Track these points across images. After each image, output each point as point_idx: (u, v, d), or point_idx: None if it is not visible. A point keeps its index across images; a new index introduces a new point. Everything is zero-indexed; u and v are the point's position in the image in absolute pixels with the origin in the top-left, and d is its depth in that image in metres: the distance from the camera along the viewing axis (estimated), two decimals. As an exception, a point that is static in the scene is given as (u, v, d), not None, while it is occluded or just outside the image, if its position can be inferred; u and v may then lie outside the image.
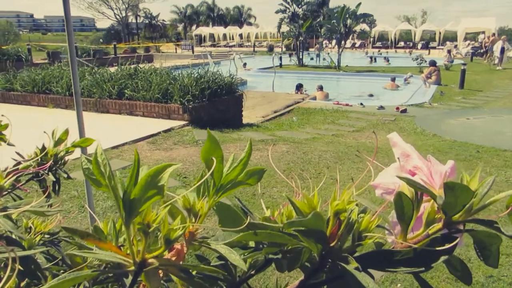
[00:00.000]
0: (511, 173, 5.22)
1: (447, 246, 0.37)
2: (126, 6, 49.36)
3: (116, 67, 9.16)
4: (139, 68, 8.93)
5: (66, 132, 1.09)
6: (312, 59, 24.16)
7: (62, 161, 1.08)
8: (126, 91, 7.79)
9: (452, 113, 9.56)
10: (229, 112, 7.81)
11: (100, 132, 6.53)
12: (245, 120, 8.19)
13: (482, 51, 26.08)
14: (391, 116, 8.92)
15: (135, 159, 0.38)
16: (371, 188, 0.53)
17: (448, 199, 0.37)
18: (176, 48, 36.62)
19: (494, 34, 25.52)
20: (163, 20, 54.77)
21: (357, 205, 0.42)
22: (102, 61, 14.49)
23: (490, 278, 2.93)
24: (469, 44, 31.51)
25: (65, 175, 1.02)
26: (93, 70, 9.08)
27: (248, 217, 0.41)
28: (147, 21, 52.26)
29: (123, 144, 5.77)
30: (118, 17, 50.32)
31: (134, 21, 53.37)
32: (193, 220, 0.45)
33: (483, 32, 29.89)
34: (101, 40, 44.95)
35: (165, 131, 6.49)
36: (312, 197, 0.43)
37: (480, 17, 33.99)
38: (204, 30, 50.76)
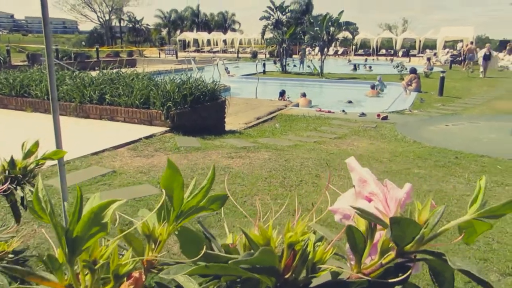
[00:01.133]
0: (488, 178, 5.33)
1: (400, 276, 0.37)
2: (110, 9, 48.94)
3: (98, 71, 9.05)
4: (121, 72, 8.84)
5: (36, 144, 1.07)
6: (295, 66, 24.33)
7: (32, 173, 1.06)
8: (107, 96, 7.70)
9: (432, 119, 9.73)
10: (211, 119, 7.79)
11: (79, 138, 6.44)
12: (228, 127, 8.17)
13: (460, 59, 26.65)
14: (372, 123, 9.03)
15: (77, 196, 0.37)
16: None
17: (396, 232, 0.38)
18: (159, 53, 36.42)
19: (472, 43, 26.13)
20: (147, 24, 54.36)
21: (314, 232, 0.42)
22: (84, 65, 14.30)
23: (469, 283, 2.98)
24: (448, 52, 32.17)
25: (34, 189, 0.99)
26: (74, 74, 8.95)
27: (204, 247, 0.40)
28: (130, 25, 51.81)
29: (103, 151, 5.69)
30: (101, 20, 49.85)
31: (117, 24, 52.95)
32: (153, 246, 0.45)
33: (462, 41, 30.58)
34: (83, 43, 44.37)
35: (147, 138, 6.42)
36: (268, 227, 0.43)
37: (459, 26, 34.75)
38: (188, 35, 50.61)
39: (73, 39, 49.72)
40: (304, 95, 12.75)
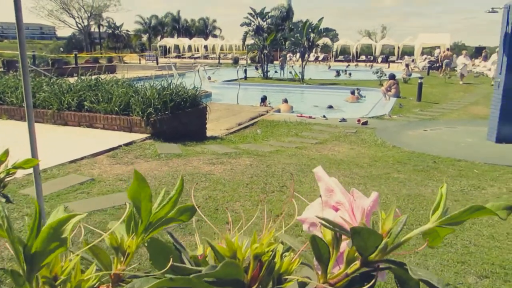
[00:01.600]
0: (465, 182, 5.45)
1: (365, 285, 0.38)
2: (89, 15, 48.36)
3: (77, 78, 8.91)
4: (100, 79, 8.73)
5: (6, 153, 1.04)
6: (276, 72, 24.48)
7: (2, 184, 1.03)
8: (86, 102, 7.59)
9: (411, 124, 9.90)
10: (192, 125, 7.76)
11: (57, 146, 6.33)
12: (209, 133, 8.15)
13: (437, 65, 27.25)
14: (352, 128, 9.13)
15: (36, 211, 0.36)
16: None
17: (357, 243, 0.38)
18: (140, 59, 36.13)
19: (448, 49, 26.77)
20: (127, 30, 53.83)
21: (282, 243, 0.42)
22: (62, 71, 14.08)
23: (448, 286, 3.02)
24: (425, 58, 32.84)
25: (4, 200, 0.97)
26: (52, 81, 8.80)
27: (171, 259, 0.40)
28: (110, 31, 51.26)
29: (82, 158, 5.60)
30: (80, 26, 49.17)
31: (96, 30, 52.31)
32: (122, 259, 0.44)
33: (439, 47, 31.29)
34: (61, 49, 43.67)
35: (126, 145, 6.35)
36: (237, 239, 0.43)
37: (436, 33, 35.58)
38: (169, 41, 50.38)
39: (51, 45, 48.93)
40: (285, 101, 12.83)
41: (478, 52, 34.43)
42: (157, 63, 30.55)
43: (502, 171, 6.01)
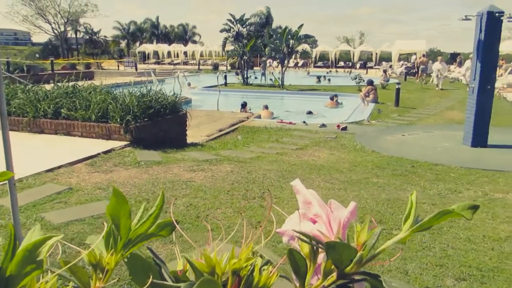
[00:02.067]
0: (442, 186, 5.56)
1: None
2: (65, 20, 47.57)
3: (53, 85, 8.75)
4: (78, 85, 8.59)
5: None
6: (256, 77, 24.57)
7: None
8: (63, 110, 7.45)
9: (389, 129, 10.06)
10: (173, 132, 7.70)
11: (33, 154, 6.19)
12: (189, 140, 8.10)
13: (414, 71, 27.84)
14: (332, 134, 9.23)
15: (11, 234, 0.36)
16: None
17: (332, 256, 0.39)
18: (118, 65, 35.72)
19: (424, 55, 27.39)
20: (104, 36, 53.19)
21: (261, 256, 0.43)
22: (38, 78, 13.77)
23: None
24: (402, 64, 33.50)
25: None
26: (27, 88, 8.61)
27: (151, 276, 0.40)
28: (87, 37, 50.56)
29: (59, 167, 5.48)
30: (56, 31, 48.33)
31: (73, 36, 51.47)
32: (101, 275, 0.44)
33: (415, 54, 31.99)
34: (37, 55, 42.85)
35: (105, 152, 6.26)
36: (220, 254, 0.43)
37: (412, 40, 36.38)
38: (148, 47, 49.99)
39: (26, 51, 47.97)
40: (266, 107, 12.89)
41: (453, 58, 35.35)
42: (136, 69, 30.26)
43: (478, 175, 6.16)
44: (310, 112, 13.65)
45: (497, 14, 7.52)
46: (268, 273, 0.42)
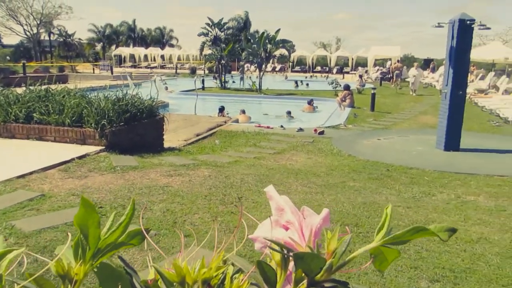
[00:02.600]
0: (417, 189, 5.68)
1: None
2: (38, 22, 46.42)
3: (25, 88, 8.51)
4: (51, 89, 8.38)
5: None
6: (234, 82, 24.57)
7: None
8: (35, 114, 7.25)
9: (365, 134, 10.22)
10: (149, 136, 7.61)
11: (3, 160, 6.01)
12: (166, 144, 8.02)
13: (389, 76, 28.40)
14: (309, 138, 9.30)
15: None
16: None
17: (300, 266, 0.39)
18: (93, 68, 35.12)
19: (398, 61, 27.99)
20: (79, 38, 52.17)
21: (233, 264, 0.42)
22: (8, 81, 13.36)
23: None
24: (378, 69, 34.13)
25: None
26: (-3, 91, 8.35)
27: (120, 286, 0.39)
28: (61, 39, 49.47)
29: (31, 173, 5.33)
30: (28, 33, 47.10)
31: (47, 38, 50.28)
32: (69, 286, 0.42)
33: (390, 59, 32.62)
34: (8, 57, 41.63)
35: (80, 158, 6.12)
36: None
37: (387, 46, 37.05)
38: (124, 51, 49.31)
39: (-4, 53, 46.53)
40: (243, 111, 12.90)
41: (426, 64, 36.23)
42: (112, 73, 29.79)
43: (450, 178, 6.32)
44: (289, 112, 13.77)
45: (468, 22, 7.75)
46: (239, 281, 0.42)
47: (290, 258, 0.43)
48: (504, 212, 4.82)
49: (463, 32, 7.78)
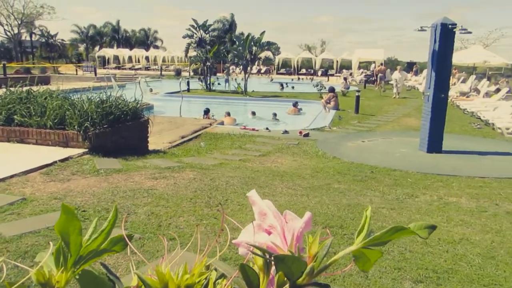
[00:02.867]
0: (400, 191, 5.75)
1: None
2: (19, 22, 45.62)
3: (5, 90, 8.35)
4: (32, 91, 8.24)
5: None
6: (219, 84, 24.53)
7: None
8: (16, 116, 7.12)
9: (349, 136, 10.31)
10: (134, 139, 7.54)
11: (-17, 163, 5.87)
12: (151, 147, 7.96)
13: (373, 79, 28.73)
14: (295, 140, 9.34)
15: None
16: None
17: (282, 269, 0.39)
18: (76, 70, 34.67)
19: (382, 64, 28.34)
20: (62, 39, 51.39)
21: (216, 269, 0.42)
22: (-11, 83, 13.12)
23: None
24: (362, 72, 34.49)
25: None
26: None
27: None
28: (43, 40, 48.68)
29: (12, 176, 5.22)
30: (9, 33, 46.26)
31: (28, 39, 49.41)
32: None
33: (374, 62, 33.02)
34: (-13, 58, 40.77)
35: (62, 160, 6.03)
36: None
37: (371, 49, 37.48)
38: (108, 52, 48.80)
39: (-24, 53, 45.54)
40: (228, 114, 12.89)
41: (409, 67, 36.77)
42: (96, 74, 29.47)
43: (433, 180, 6.41)
44: (275, 114, 13.83)
45: (450, 26, 7.90)
46: (222, 286, 0.42)
47: (272, 262, 0.43)
48: (485, 213, 4.91)
49: (445, 36, 7.92)
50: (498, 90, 17.74)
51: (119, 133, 7.16)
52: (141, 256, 0.46)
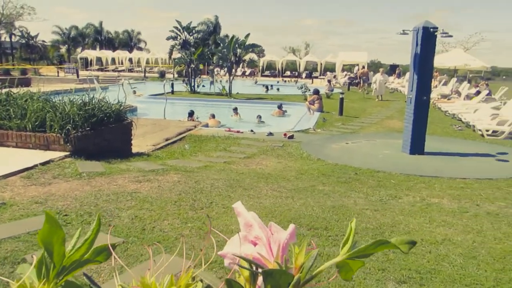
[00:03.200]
0: (384, 192, 5.81)
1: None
2: (-2, 23, 44.69)
3: (-16, 92, 8.16)
4: (12, 93, 8.08)
5: None
6: (204, 86, 24.45)
7: None
8: (-5, 119, 6.97)
9: (334, 138, 10.38)
10: (117, 141, 7.45)
11: (-39, 167, 5.72)
12: (135, 149, 7.88)
13: (357, 81, 29.02)
14: (279, 142, 9.36)
15: None
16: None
17: (269, 283, 0.39)
18: (58, 71, 34.13)
19: (363, 67, 28.68)
20: (43, 40, 50.51)
21: (201, 280, 0.42)
22: (-33, 84, 12.80)
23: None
24: (346, 75, 34.79)
25: None
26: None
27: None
28: (23, 41, 47.75)
29: (-9, 180, 5.12)
30: (-13, 34, 45.27)
31: (8, 40, 48.40)
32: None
33: (357, 65, 33.35)
34: (-34, 59, 39.81)
35: (43, 164, 5.92)
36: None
37: (354, 51, 37.83)
38: (91, 53, 48.12)
39: (-46, 54, 44.42)
40: (213, 116, 12.86)
41: (392, 70, 37.21)
42: (78, 76, 29.05)
43: (416, 181, 6.51)
44: (260, 116, 13.84)
45: (431, 29, 8.03)
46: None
47: (259, 273, 0.43)
48: (466, 213, 5.00)
49: (427, 39, 8.05)
50: (478, 93, 18.10)
51: (102, 135, 7.07)
52: (126, 267, 0.44)
